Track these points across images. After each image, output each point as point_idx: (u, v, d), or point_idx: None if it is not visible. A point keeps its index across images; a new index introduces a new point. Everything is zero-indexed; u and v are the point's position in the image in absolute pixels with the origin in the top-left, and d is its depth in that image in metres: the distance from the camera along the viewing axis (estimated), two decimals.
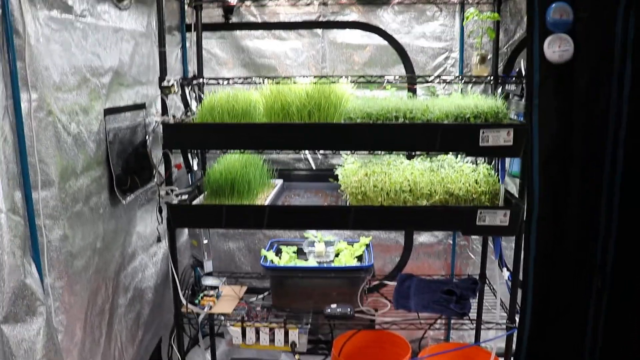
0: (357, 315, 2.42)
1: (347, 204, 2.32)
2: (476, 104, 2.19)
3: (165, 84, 2.20)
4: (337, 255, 2.67)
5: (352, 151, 2.32)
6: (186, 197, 2.34)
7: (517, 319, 2.19)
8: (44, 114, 1.67)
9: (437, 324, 2.43)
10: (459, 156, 2.52)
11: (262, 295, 2.69)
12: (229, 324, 2.47)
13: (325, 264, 2.59)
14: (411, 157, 2.62)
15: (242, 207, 2.35)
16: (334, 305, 2.41)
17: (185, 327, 2.57)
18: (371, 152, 2.33)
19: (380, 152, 2.47)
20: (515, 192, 2.32)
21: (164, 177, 2.30)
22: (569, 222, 1.87)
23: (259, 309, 2.53)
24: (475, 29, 2.75)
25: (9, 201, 1.50)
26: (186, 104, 2.67)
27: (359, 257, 2.65)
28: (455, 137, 2.11)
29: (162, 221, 2.36)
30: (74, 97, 1.85)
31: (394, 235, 3.12)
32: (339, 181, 2.44)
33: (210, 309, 2.47)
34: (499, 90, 2.58)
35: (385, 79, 2.38)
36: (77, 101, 1.87)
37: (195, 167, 2.71)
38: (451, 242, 3.10)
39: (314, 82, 2.25)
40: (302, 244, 2.74)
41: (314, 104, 2.20)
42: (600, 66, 1.76)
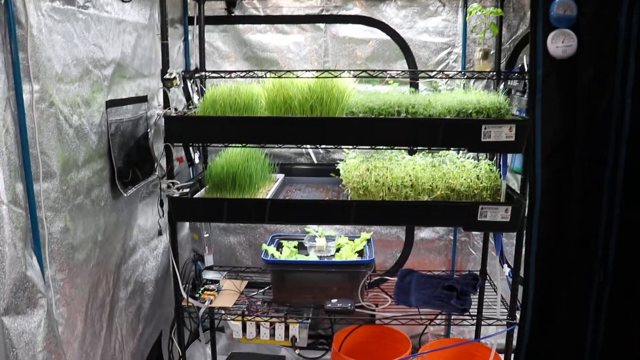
0: (357, 310, 2.42)
1: (349, 198, 2.32)
2: (478, 99, 2.19)
3: (167, 76, 2.20)
4: (338, 250, 2.67)
5: (354, 146, 2.31)
6: (187, 190, 2.33)
7: (517, 315, 2.19)
8: (46, 105, 1.66)
9: (438, 320, 2.43)
10: (461, 152, 2.51)
11: (263, 289, 2.69)
12: (229, 318, 2.47)
13: (326, 259, 2.58)
14: (413, 152, 2.62)
15: (244, 201, 2.35)
16: (334, 300, 2.41)
17: (185, 321, 2.58)
18: (373, 147, 2.33)
19: (382, 147, 2.46)
20: (516, 188, 2.32)
21: (166, 170, 2.29)
22: (571, 218, 1.87)
23: (259, 303, 2.53)
24: (478, 24, 2.74)
25: (11, 193, 1.50)
26: (188, 97, 2.67)
27: (360, 252, 2.65)
28: (457, 132, 2.10)
29: (163, 214, 2.36)
30: (76, 88, 1.84)
31: (395, 230, 3.12)
32: (340, 176, 2.44)
33: (210, 303, 2.47)
34: (502, 85, 2.57)
35: (387, 73, 2.38)
36: (79, 93, 1.86)
37: (196, 160, 2.71)
38: (452, 237, 3.10)
39: (316, 76, 2.24)
40: (303, 239, 2.73)
41: (316, 98, 2.20)
42: (603, 62, 1.75)
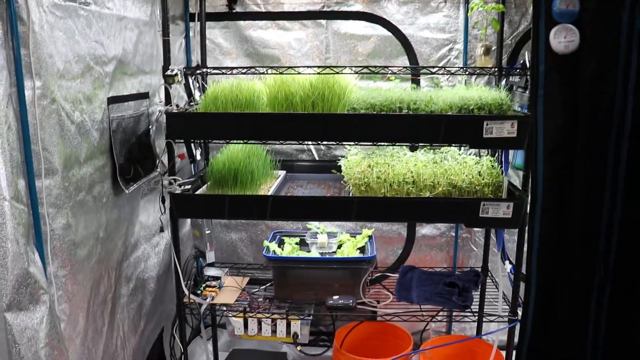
0: (359, 306, 2.42)
1: (350, 195, 2.31)
2: (480, 95, 2.18)
3: (169, 73, 2.20)
4: (339, 246, 2.67)
5: (356, 142, 2.31)
6: (189, 187, 2.34)
7: (519, 311, 2.19)
8: (48, 101, 1.66)
9: (439, 316, 2.43)
10: (462, 148, 2.51)
11: (265, 286, 2.69)
12: (231, 315, 2.47)
13: (327, 256, 2.58)
14: (414, 148, 2.62)
15: (245, 197, 2.35)
16: (336, 296, 2.41)
17: (187, 318, 2.58)
18: (374, 143, 2.32)
19: (383, 144, 2.46)
20: (518, 184, 2.31)
21: (167, 166, 2.29)
22: (573, 215, 1.87)
23: (261, 299, 2.53)
24: (479, 20, 2.73)
25: (13, 189, 1.50)
26: (189, 93, 2.66)
27: (362, 249, 2.65)
28: (459, 128, 2.10)
29: (164, 211, 2.36)
30: (77, 85, 1.84)
31: (397, 227, 3.12)
32: (342, 172, 2.44)
33: (212, 300, 2.47)
34: (503, 82, 2.57)
35: (389, 70, 2.37)
36: (80, 89, 1.86)
37: (198, 157, 2.71)
38: (453, 234, 3.10)
39: (318, 73, 2.24)
40: (304, 235, 2.73)
41: (318, 95, 2.19)
42: (605, 58, 1.75)
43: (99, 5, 1.99)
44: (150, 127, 2.42)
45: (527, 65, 2.32)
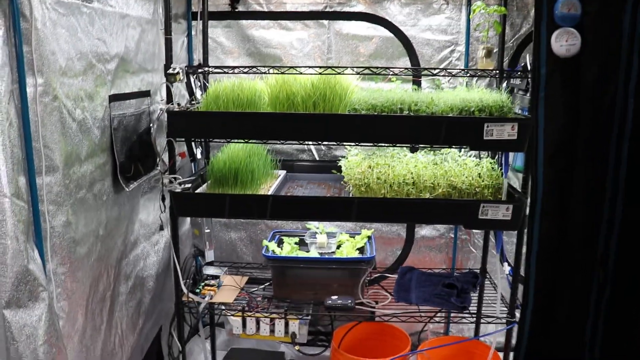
0: (357, 307, 2.42)
1: (350, 195, 2.32)
2: (481, 97, 2.19)
3: (170, 71, 2.20)
4: (338, 247, 2.67)
5: (356, 143, 2.32)
6: (189, 185, 2.34)
7: (517, 313, 2.20)
8: (50, 99, 1.66)
9: (437, 317, 2.44)
10: (463, 150, 2.51)
11: (263, 285, 2.69)
12: (229, 314, 2.48)
13: (326, 256, 2.59)
14: (415, 150, 2.62)
15: (246, 197, 2.35)
16: (334, 296, 2.42)
17: (185, 316, 2.58)
18: (375, 144, 2.33)
19: (384, 145, 2.46)
20: (518, 186, 2.32)
21: (168, 165, 2.30)
22: (574, 219, 1.87)
23: (259, 299, 2.53)
24: (481, 23, 2.74)
25: (13, 186, 1.50)
26: (191, 92, 2.67)
27: (361, 249, 2.65)
28: (459, 130, 2.10)
29: (164, 209, 2.36)
30: (79, 82, 1.84)
31: (396, 228, 3.12)
32: (342, 173, 2.44)
33: (211, 299, 2.47)
34: (504, 84, 2.57)
35: (390, 71, 2.37)
36: (82, 87, 1.86)
37: (198, 155, 2.71)
38: (453, 235, 3.11)
39: (320, 73, 2.24)
40: (304, 235, 2.73)
41: (319, 95, 2.20)
42: (607, 61, 1.75)
43: (102, 2, 1.99)
44: (151, 125, 2.42)
45: (529, 67, 2.32)
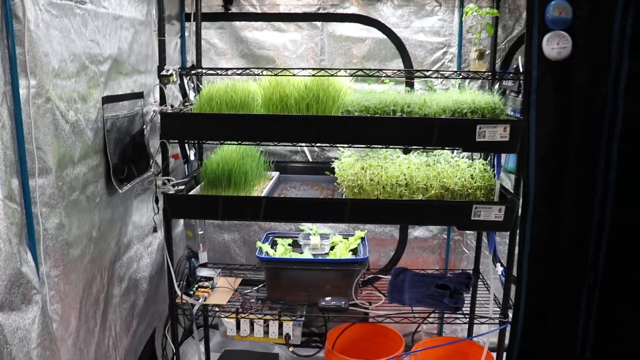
0: (351, 308, 2.43)
1: (344, 197, 2.32)
2: (473, 99, 2.20)
3: (164, 73, 2.20)
4: (332, 248, 2.68)
5: (350, 144, 2.32)
6: (183, 187, 2.33)
7: (510, 313, 2.21)
8: (43, 100, 1.66)
9: (431, 318, 2.45)
10: (455, 151, 2.53)
11: (257, 287, 2.69)
12: (223, 316, 2.47)
13: (320, 257, 2.59)
14: (407, 151, 2.63)
15: (239, 198, 2.35)
16: (328, 298, 2.42)
17: (179, 318, 2.57)
18: (368, 145, 2.34)
19: (377, 146, 2.47)
20: (510, 187, 2.33)
21: (161, 167, 2.29)
22: (565, 222, 1.88)
23: (253, 300, 2.54)
24: (474, 25, 2.75)
25: (6, 188, 1.49)
26: (184, 93, 2.67)
27: (354, 251, 2.66)
28: (452, 132, 2.12)
29: (158, 211, 2.36)
30: (72, 84, 1.84)
31: (389, 229, 3.13)
32: (335, 174, 2.45)
33: (204, 300, 2.47)
34: (496, 86, 2.59)
35: (383, 72, 2.38)
36: (75, 88, 1.86)
37: (192, 157, 2.71)
38: (446, 236, 3.12)
39: (313, 75, 2.25)
40: (297, 237, 2.74)
41: (313, 97, 2.20)
42: (597, 64, 1.76)
43: (95, 4, 1.99)
44: (144, 127, 2.41)
45: (521, 69, 2.34)
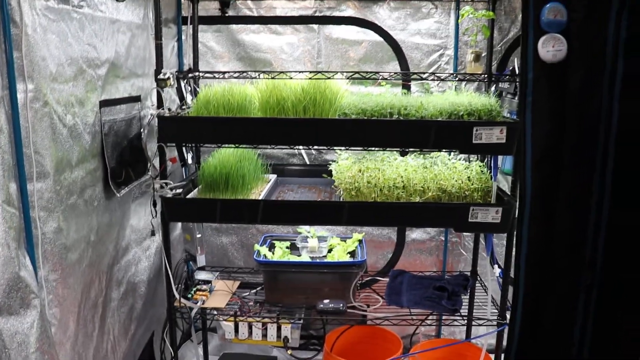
0: (349, 310, 2.44)
1: (341, 199, 2.33)
2: (470, 101, 2.21)
3: (161, 76, 2.20)
4: (330, 250, 2.68)
5: (347, 147, 2.33)
6: (180, 190, 2.34)
7: (508, 315, 2.21)
8: (40, 104, 1.66)
9: (429, 320, 2.45)
10: (452, 153, 2.53)
11: (255, 290, 2.69)
12: (221, 319, 2.47)
13: (318, 260, 2.59)
14: (405, 153, 2.64)
15: (237, 201, 2.35)
16: (326, 300, 2.42)
17: (177, 322, 2.58)
18: (365, 148, 2.34)
19: (374, 149, 2.48)
20: (507, 189, 2.34)
21: (159, 170, 2.29)
22: (561, 224, 1.88)
23: (251, 303, 2.54)
24: (470, 27, 2.77)
25: (4, 192, 1.49)
26: (181, 97, 2.67)
27: (352, 253, 2.66)
28: (449, 134, 2.12)
29: (156, 215, 2.36)
30: (70, 88, 1.84)
31: (387, 231, 3.14)
32: (332, 177, 2.45)
33: (203, 304, 2.47)
34: (493, 88, 2.60)
35: (380, 75, 2.39)
36: (73, 92, 1.86)
37: (189, 160, 2.71)
38: (443, 238, 3.13)
39: (310, 78, 2.26)
40: (295, 240, 2.74)
41: (309, 99, 2.21)
42: (592, 66, 1.77)
43: (92, 8, 1.99)
44: (142, 130, 2.41)
45: (517, 71, 2.35)
